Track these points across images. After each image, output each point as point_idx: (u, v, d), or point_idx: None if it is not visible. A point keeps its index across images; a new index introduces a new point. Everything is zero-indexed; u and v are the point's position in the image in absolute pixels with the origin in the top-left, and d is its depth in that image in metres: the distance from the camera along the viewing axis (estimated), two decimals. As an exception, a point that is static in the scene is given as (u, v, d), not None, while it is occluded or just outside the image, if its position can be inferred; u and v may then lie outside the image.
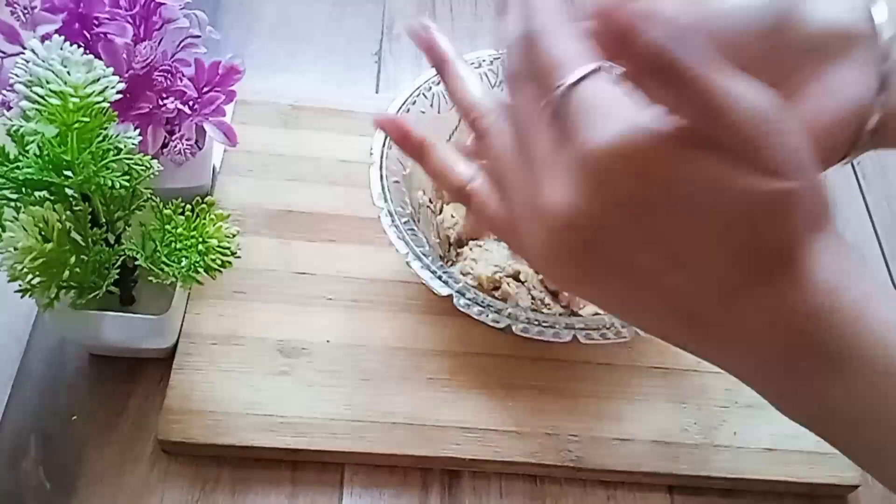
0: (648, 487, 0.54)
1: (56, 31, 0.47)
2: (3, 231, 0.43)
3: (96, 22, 0.50)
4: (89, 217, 0.46)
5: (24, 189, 0.44)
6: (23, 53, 0.43)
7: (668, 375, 0.57)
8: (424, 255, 0.51)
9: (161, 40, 0.52)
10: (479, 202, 0.32)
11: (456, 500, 0.53)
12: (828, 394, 0.28)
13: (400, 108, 0.58)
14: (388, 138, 0.56)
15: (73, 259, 0.44)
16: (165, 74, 0.52)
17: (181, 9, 0.53)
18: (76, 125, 0.43)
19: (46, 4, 0.49)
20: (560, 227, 0.27)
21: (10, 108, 0.48)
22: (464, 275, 0.56)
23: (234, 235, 0.47)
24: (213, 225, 0.47)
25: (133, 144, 0.46)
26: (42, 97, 0.42)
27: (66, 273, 0.45)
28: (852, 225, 0.71)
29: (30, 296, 0.45)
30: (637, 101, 0.26)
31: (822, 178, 0.27)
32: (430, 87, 0.60)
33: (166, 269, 0.46)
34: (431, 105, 0.60)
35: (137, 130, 0.46)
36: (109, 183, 0.44)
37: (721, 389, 0.57)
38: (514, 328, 0.49)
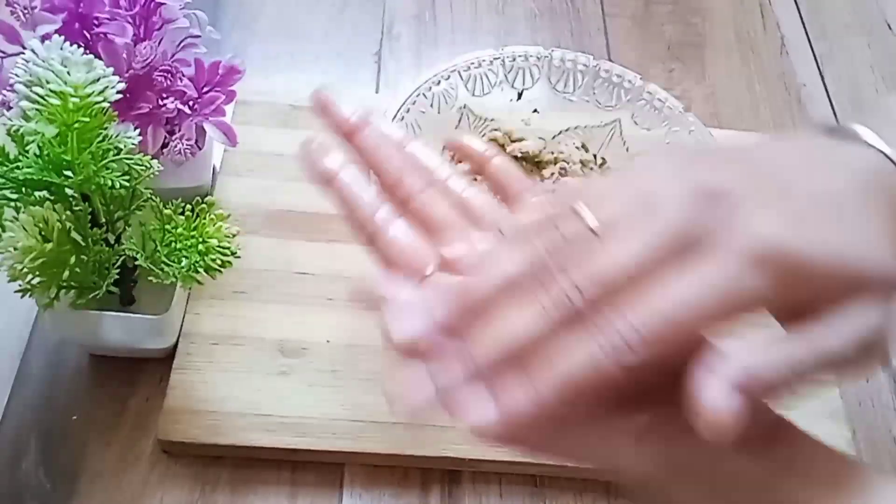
0: (648, 487, 0.54)
1: (56, 31, 0.47)
2: (3, 231, 0.43)
3: (96, 22, 0.50)
4: (89, 217, 0.46)
5: (24, 189, 0.44)
6: (23, 53, 0.43)
7: (668, 375, 0.57)
8: (424, 255, 0.51)
9: (161, 40, 0.52)
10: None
11: (456, 501, 0.53)
12: None
13: (400, 108, 0.58)
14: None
15: (73, 259, 0.44)
16: (165, 74, 0.52)
17: (181, 9, 0.53)
18: (76, 125, 0.43)
19: (46, 4, 0.49)
20: None
21: (10, 108, 0.48)
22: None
23: (233, 235, 0.47)
24: (213, 225, 0.47)
25: (133, 144, 0.45)
26: (42, 97, 0.42)
27: (66, 273, 0.45)
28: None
29: (30, 296, 0.45)
30: None
31: None
32: (430, 88, 0.60)
33: (166, 269, 0.46)
34: (431, 105, 0.60)
35: (137, 130, 0.46)
36: (109, 183, 0.44)
37: (721, 389, 0.56)
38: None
